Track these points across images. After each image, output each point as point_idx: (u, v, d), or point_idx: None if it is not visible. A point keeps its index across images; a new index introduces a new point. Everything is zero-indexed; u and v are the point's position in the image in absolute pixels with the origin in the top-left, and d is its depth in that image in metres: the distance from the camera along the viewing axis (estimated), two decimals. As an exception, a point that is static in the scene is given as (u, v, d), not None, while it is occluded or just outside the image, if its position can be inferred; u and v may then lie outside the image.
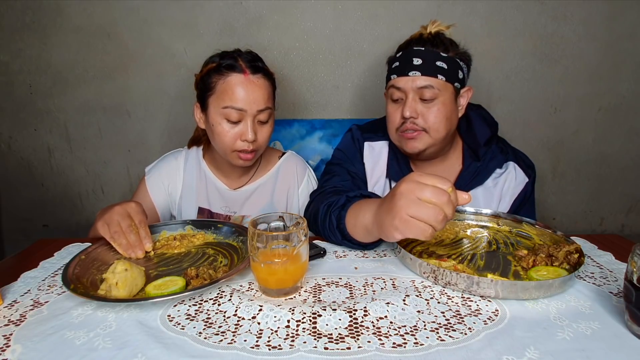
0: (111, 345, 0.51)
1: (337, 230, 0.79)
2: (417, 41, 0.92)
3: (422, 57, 0.90)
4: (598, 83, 1.47)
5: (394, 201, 0.61)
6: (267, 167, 1.13)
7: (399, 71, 0.92)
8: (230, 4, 1.37)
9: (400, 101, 0.94)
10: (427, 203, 0.59)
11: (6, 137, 1.51)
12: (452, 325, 0.55)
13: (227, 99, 0.92)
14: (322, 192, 0.94)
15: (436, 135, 0.93)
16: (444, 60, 0.90)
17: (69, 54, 1.42)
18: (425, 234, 0.60)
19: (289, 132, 1.47)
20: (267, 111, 0.96)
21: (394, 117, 0.96)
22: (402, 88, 0.92)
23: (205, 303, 0.61)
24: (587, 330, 0.54)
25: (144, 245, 0.77)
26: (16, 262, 0.77)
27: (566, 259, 0.70)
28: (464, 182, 1.01)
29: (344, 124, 1.47)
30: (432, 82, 0.90)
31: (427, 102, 0.91)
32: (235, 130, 0.94)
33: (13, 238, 1.63)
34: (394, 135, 0.98)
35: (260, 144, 0.98)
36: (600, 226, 1.64)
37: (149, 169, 1.10)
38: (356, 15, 1.39)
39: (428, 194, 0.59)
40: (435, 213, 0.58)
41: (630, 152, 1.55)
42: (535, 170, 1.03)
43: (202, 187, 1.09)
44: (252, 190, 1.10)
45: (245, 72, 0.93)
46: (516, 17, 1.40)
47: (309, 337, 0.52)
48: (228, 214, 1.08)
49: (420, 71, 0.89)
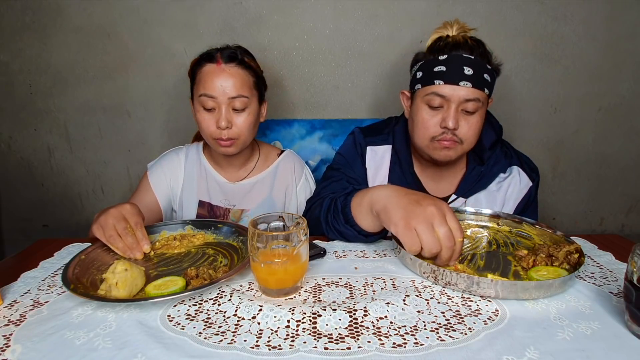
0: (111, 345, 0.51)
1: (341, 214, 0.80)
2: (463, 46, 0.87)
3: (472, 67, 0.85)
4: (598, 83, 1.47)
5: (415, 205, 0.65)
6: (266, 163, 1.15)
7: (448, 78, 0.86)
8: (230, 4, 1.37)
9: (440, 109, 0.89)
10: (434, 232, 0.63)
11: (6, 137, 1.51)
12: (452, 325, 0.55)
13: (202, 87, 0.98)
14: (320, 199, 0.93)
15: (468, 147, 0.92)
16: (488, 72, 0.88)
17: (69, 54, 1.41)
18: (411, 249, 0.65)
19: (289, 132, 1.47)
20: (241, 99, 0.98)
21: (430, 125, 0.90)
22: (447, 96, 0.87)
23: (205, 303, 0.61)
24: (587, 330, 0.54)
25: (141, 247, 0.77)
26: (16, 262, 0.77)
27: (566, 259, 0.70)
28: (467, 186, 1.00)
29: (344, 124, 1.47)
30: (479, 95, 0.87)
31: (468, 114, 0.88)
32: (211, 117, 0.99)
33: (13, 238, 1.63)
34: (425, 142, 0.93)
35: (238, 133, 0.99)
36: (600, 226, 1.64)
37: (151, 165, 1.12)
38: (356, 15, 1.39)
39: (441, 232, 0.63)
40: (434, 246, 0.63)
41: (630, 152, 1.55)
42: (539, 173, 1.03)
43: (202, 181, 1.11)
44: (252, 185, 1.12)
45: (218, 61, 0.98)
46: (516, 17, 1.39)
47: (309, 337, 0.52)
48: (227, 207, 1.10)
49: (472, 82, 0.85)
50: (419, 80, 0.92)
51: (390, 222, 0.67)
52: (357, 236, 0.80)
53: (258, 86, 1.04)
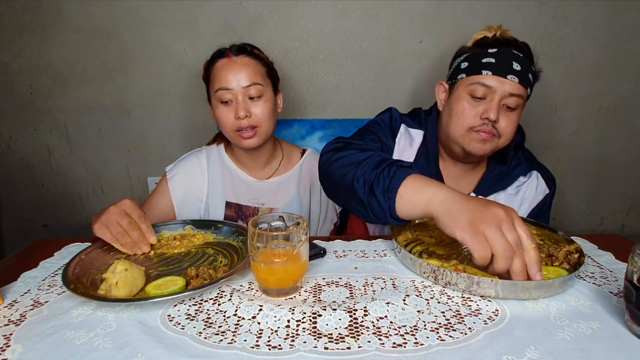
0: (111, 345, 0.51)
1: (389, 181, 0.70)
2: (514, 44, 0.88)
3: (521, 64, 0.86)
4: (598, 83, 1.47)
5: (483, 209, 0.59)
6: (291, 162, 1.17)
7: (496, 69, 0.86)
8: (230, 4, 1.37)
9: (482, 100, 0.88)
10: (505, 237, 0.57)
11: (6, 137, 1.51)
12: (452, 325, 0.55)
13: (217, 82, 1.00)
14: (360, 149, 0.84)
15: (504, 143, 0.91)
16: (532, 73, 0.89)
17: (69, 54, 1.42)
18: (482, 256, 0.57)
19: (289, 132, 1.47)
20: (256, 87, 1.00)
21: (469, 114, 0.89)
22: (492, 87, 0.86)
23: (205, 303, 0.61)
24: (587, 330, 0.54)
25: (148, 240, 0.78)
26: (16, 262, 0.77)
27: (566, 259, 0.70)
28: (487, 186, 0.99)
29: (344, 124, 1.47)
30: (522, 92, 0.87)
31: (509, 109, 0.88)
32: (229, 110, 1.00)
33: (13, 238, 1.63)
34: (461, 132, 0.91)
35: (258, 120, 1.01)
36: (600, 226, 1.64)
37: (171, 168, 1.10)
38: (356, 15, 1.39)
39: (510, 238, 0.57)
40: (507, 249, 0.57)
41: (630, 152, 1.55)
42: (556, 184, 1.03)
43: (227, 182, 1.10)
44: (278, 184, 1.12)
45: (229, 55, 1.01)
46: (516, 17, 1.39)
47: (309, 337, 0.52)
48: (256, 206, 1.10)
49: (519, 78, 0.86)
50: (464, 70, 0.91)
51: (456, 226, 0.60)
52: (385, 211, 0.72)
53: (270, 76, 1.06)
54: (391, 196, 0.71)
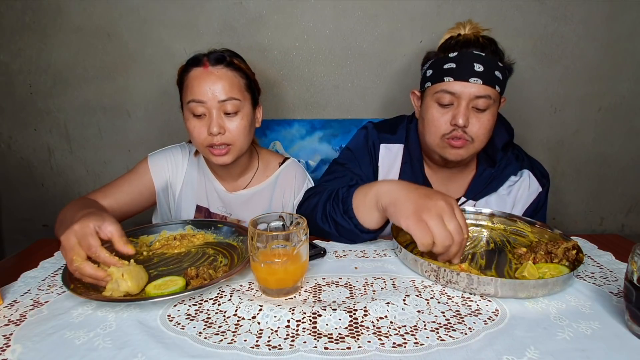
0: (111, 345, 0.51)
1: (342, 204, 0.79)
2: (474, 44, 0.86)
3: (483, 64, 0.84)
4: (598, 83, 1.47)
5: (426, 199, 0.66)
6: (266, 172, 1.10)
7: (457, 75, 0.85)
8: (230, 4, 1.37)
9: (450, 106, 0.88)
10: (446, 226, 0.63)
11: (6, 137, 1.51)
12: (452, 325, 0.55)
13: (189, 93, 0.92)
14: (320, 190, 0.91)
15: (479, 146, 0.91)
16: (500, 70, 0.87)
17: (69, 54, 1.41)
18: (424, 243, 0.64)
19: (289, 132, 1.47)
20: (232, 102, 0.92)
21: (440, 123, 0.89)
22: (457, 93, 0.86)
23: (205, 303, 0.61)
24: (587, 330, 0.54)
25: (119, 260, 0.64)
26: (16, 262, 0.77)
27: (565, 256, 0.71)
28: (477, 189, 0.98)
29: (344, 124, 1.47)
30: (489, 92, 0.85)
31: (479, 111, 0.87)
32: (202, 124, 0.92)
33: (13, 238, 1.63)
34: (436, 141, 0.92)
35: (232, 138, 0.93)
36: (600, 226, 1.64)
37: (153, 154, 1.07)
38: (356, 15, 1.39)
39: (452, 226, 0.63)
40: (447, 238, 0.63)
41: (630, 152, 1.55)
42: (550, 179, 1.02)
43: (201, 186, 1.08)
44: (250, 196, 1.08)
45: (205, 64, 0.92)
46: (516, 17, 1.39)
47: (309, 337, 0.52)
48: (225, 215, 1.08)
49: (482, 79, 0.84)
50: (429, 78, 0.91)
51: (401, 215, 0.67)
52: (353, 230, 0.79)
53: (250, 89, 0.98)
54: (350, 215, 0.78)
